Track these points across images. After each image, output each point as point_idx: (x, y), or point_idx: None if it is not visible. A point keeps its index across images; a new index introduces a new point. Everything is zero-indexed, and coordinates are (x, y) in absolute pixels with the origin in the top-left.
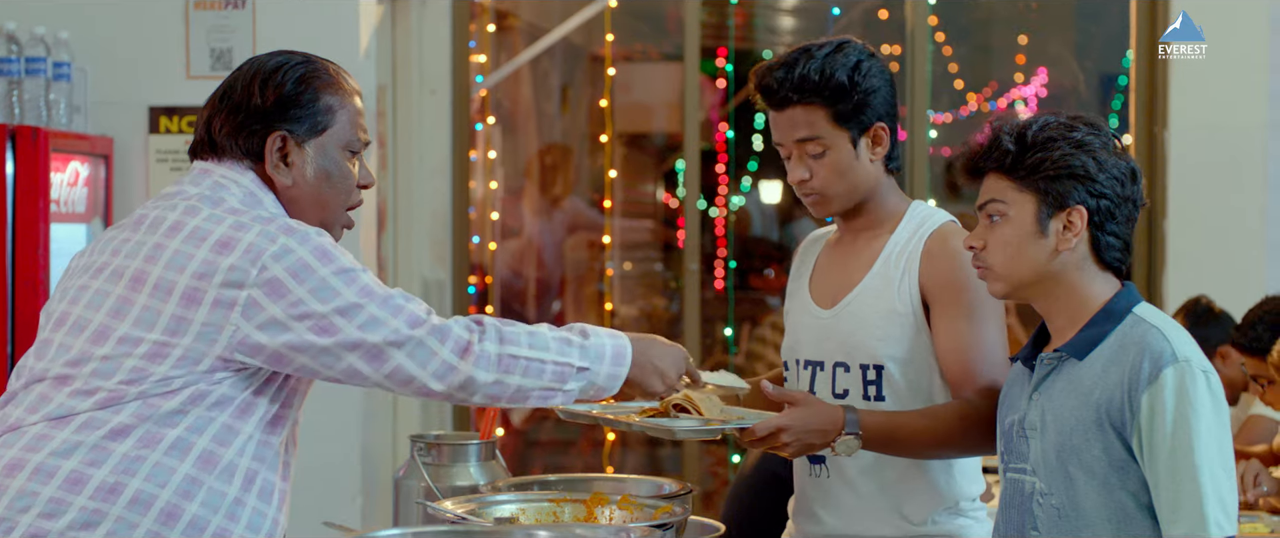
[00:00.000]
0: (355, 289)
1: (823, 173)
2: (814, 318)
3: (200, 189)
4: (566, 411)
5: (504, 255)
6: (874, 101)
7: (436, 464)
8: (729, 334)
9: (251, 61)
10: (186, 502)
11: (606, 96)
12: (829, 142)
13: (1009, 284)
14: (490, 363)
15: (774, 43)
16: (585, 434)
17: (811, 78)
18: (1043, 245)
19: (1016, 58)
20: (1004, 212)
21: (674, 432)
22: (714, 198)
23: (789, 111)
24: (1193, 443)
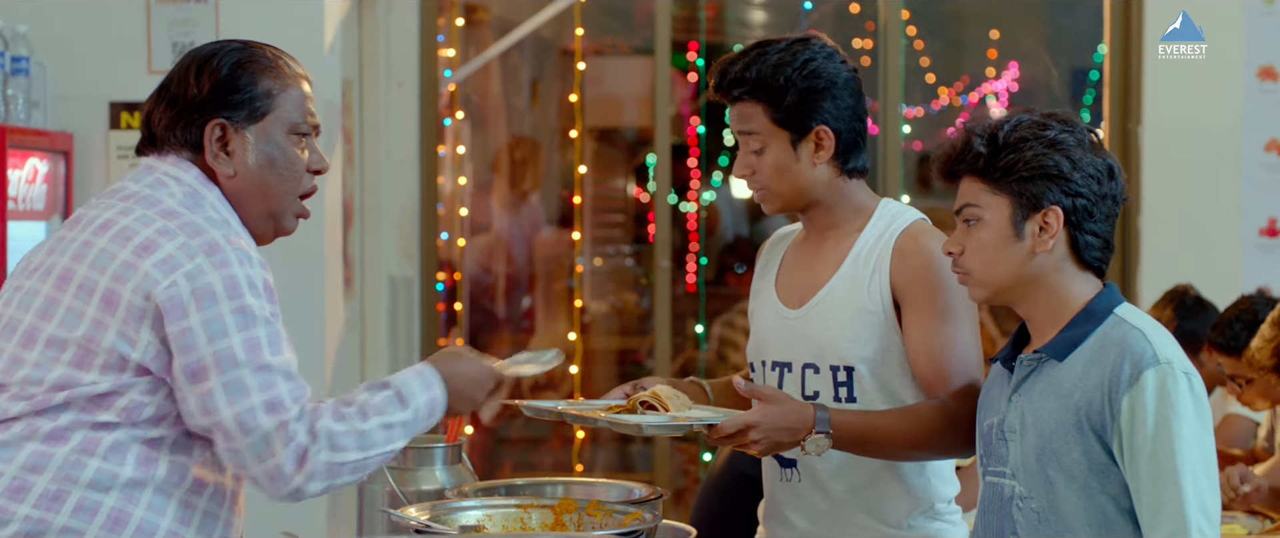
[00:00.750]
0: (243, 337)
1: (763, 170)
2: (781, 318)
3: (139, 186)
4: (531, 407)
5: (473, 252)
6: (817, 104)
7: (401, 468)
8: (700, 331)
9: (190, 52)
10: (132, 507)
11: (576, 91)
12: (767, 140)
13: (988, 289)
14: (321, 474)
15: (745, 37)
16: (555, 431)
17: (750, 76)
18: (1019, 248)
19: (988, 52)
20: (979, 215)
21: (641, 427)
22: (685, 193)
23: (736, 106)
24: (1174, 446)
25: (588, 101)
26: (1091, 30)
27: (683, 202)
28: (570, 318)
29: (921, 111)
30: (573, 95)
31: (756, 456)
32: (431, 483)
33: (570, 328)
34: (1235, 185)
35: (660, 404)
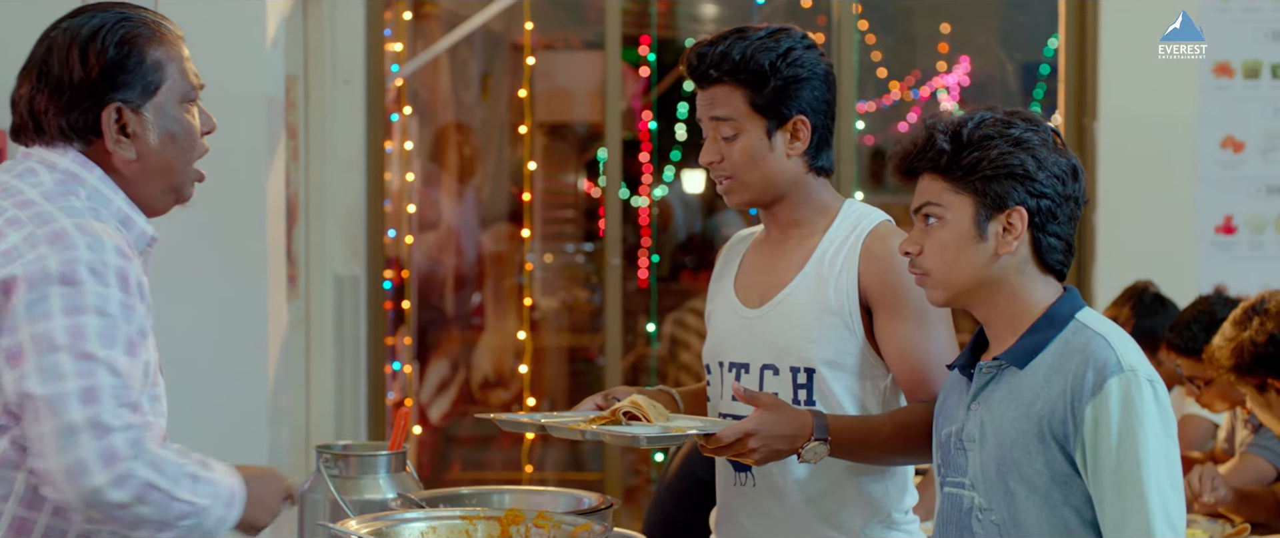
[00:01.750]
0: (68, 322)
1: (734, 156)
2: (740, 318)
3: (7, 177)
4: (507, 421)
5: (421, 249)
6: (797, 93)
7: (344, 477)
8: (652, 330)
9: (63, 27)
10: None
11: (526, 86)
12: (742, 125)
13: (948, 291)
14: (129, 484)
15: (697, 31)
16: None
17: (733, 57)
18: (982, 249)
19: (939, 46)
20: (940, 214)
21: (638, 439)
22: (638, 188)
23: (710, 89)
24: (1139, 457)
25: (538, 96)
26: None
27: (635, 197)
28: (519, 318)
29: (873, 106)
30: (522, 90)
31: (754, 464)
32: (375, 492)
33: (520, 326)
34: (1191, 182)
35: (643, 414)
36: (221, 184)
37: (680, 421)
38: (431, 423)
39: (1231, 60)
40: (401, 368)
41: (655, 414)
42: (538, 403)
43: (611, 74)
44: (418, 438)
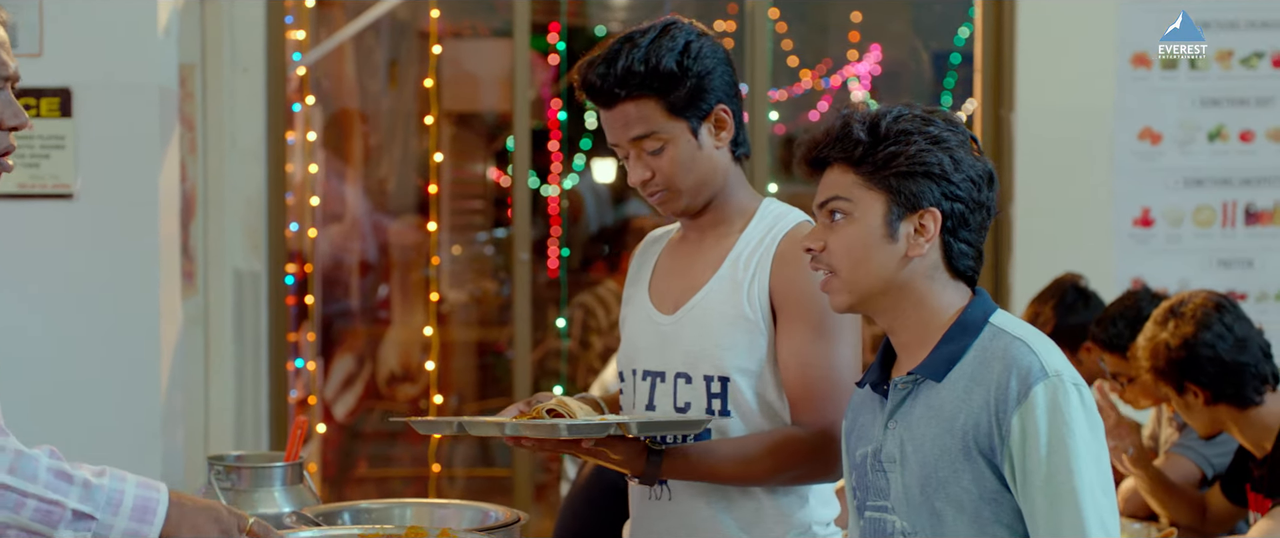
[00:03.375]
0: None
1: (666, 169)
2: (654, 325)
3: None
4: (425, 424)
5: (325, 242)
6: (710, 84)
7: (236, 489)
8: (562, 325)
9: None
10: None
11: (432, 76)
12: (667, 135)
13: (854, 294)
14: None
15: (607, 19)
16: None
17: (637, 69)
18: (892, 250)
19: (850, 35)
20: (848, 210)
21: (559, 429)
22: (548, 178)
23: (619, 108)
24: (1071, 466)
25: (446, 85)
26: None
27: (545, 186)
28: (425, 312)
29: (784, 95)
30: (428, 80)
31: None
32: (270, 506)
33: (427, 321)
34: (1108, 174)
35: (567, 412)
36: (111, 178)
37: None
38: (336, 420)
39: (1149, 51)
40: (305, 365)
41: (580, 412)
42: (446, 398)
43: (520, 62)
44: (322, 436)
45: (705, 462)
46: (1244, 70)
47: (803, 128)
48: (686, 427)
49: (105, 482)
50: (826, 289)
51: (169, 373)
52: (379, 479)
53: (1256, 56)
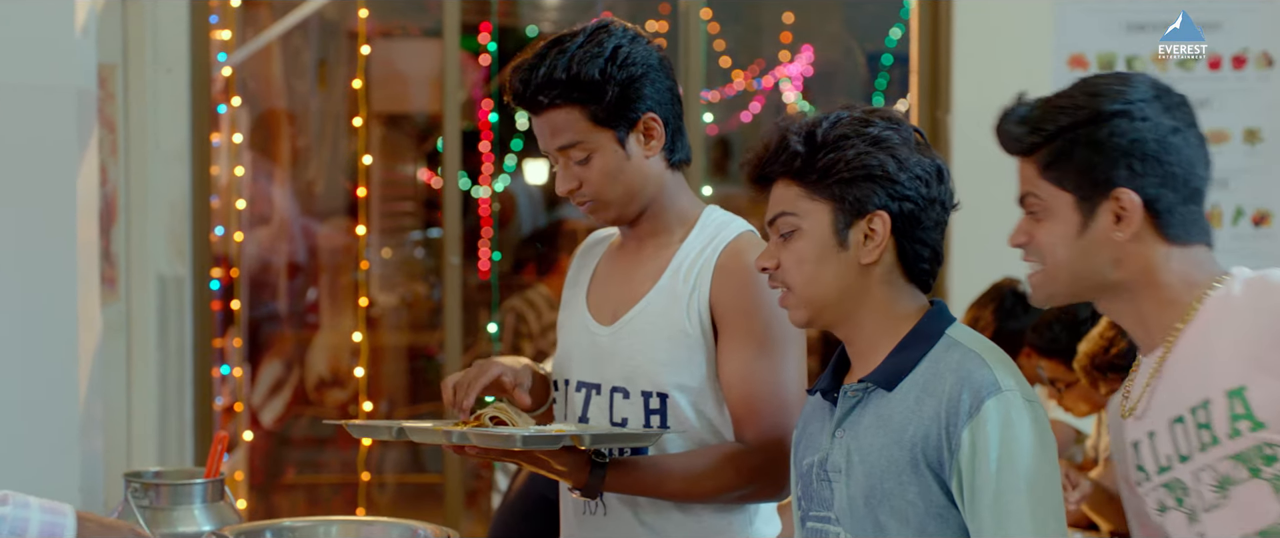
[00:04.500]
0: None
1: (593, 179)
2: (590, 335)
3: None
4: (361, 428)
5: (252, 246)
6: (637, 93)
7: (154, 507)
8: (493, 330)
9: None
10: None
11: (360, 76)
12: (592, 145)
13: (810, 308)
14: None
15: (539, 19)
16: (341, 431)
17: (559, 77)
18: (844, 259)
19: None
20: (797, 224)
21: (514, 440)
22: (478, 179)
23: (545, 116)
24: (1020, 485)
25: (376, 85)
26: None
27: (476, 187)
28: (355, 316)
29: (717, 96)
30: (357, 81)
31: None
32: (189, 525)
33: (356, 325)
34: None
35: (509, 419)
36: (25, 182)
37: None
38: (263, 427)
39: (1086, 52)
40: (231, 371)
41: (521, 421)
42: (376, 404)
43: (450, 63)
44: (249, 443)
45: (650, 476)
46: (1180, 72)
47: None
48: (639, 440)
49: (8, 511)
50: (785, 305)
51: (88, 381)
52: (308, 487)
53: (1193, 58)
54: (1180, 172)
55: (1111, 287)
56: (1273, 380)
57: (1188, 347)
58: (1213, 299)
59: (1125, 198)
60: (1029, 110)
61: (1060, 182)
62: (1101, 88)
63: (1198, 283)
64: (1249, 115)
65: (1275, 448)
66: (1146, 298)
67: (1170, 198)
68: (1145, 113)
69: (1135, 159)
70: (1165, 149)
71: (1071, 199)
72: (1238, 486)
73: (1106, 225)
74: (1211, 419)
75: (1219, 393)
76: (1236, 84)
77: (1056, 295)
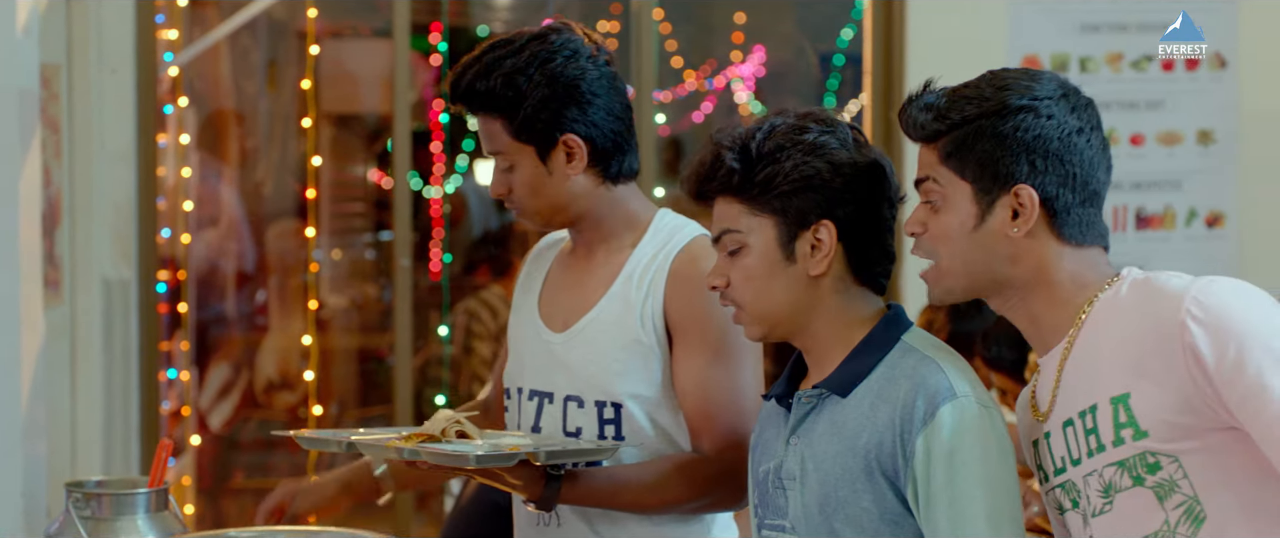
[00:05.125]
0: None
1: (516, 188)
2: (543, 342)
3: None
4: (309, 437)
5: (200, 248)
6: (558, 112)
7: (96, 518)
8: (444, 332)
9: None
10: None
11: (309, 76)
12: (514, 157)
13: (764, 324)
14: None
15: (490, 19)
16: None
17: (478, 88)
18: (793, 272)
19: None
20: (742, 241)
21: (468, 459)
22: (429, 179)
23: (478, 119)
24: (976, 492)
25: (326, 86)
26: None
27: (428, 187)
28: (304, 319)
29: (670, 96)
30: (306, 81)
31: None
32: (132, 535)
33: (305, 328)
34: None
35: (469, 433)
36: None
37: (509, 438)
38: (211, 431)
39: (1040, 53)
40: (178, 375)
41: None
42: (325, 407)
43: (400, 63)
44: (197, 448)
45: (606, 488)
46: (1134, 73)
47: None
48: (595, 454)
49: None
50: (737, 322)
51: (30, 386)
52: (256, 491)
53: (1146, 60)
54: (1080, 173)
55: (1005, 284)
56: (1155, 388)
57: (1079, 350)
58: (1102, 301)
59: (1024, 194)
60: (935, 98)
61: (960, 171)
62: (1010, 82)
63: (1089, 284)
64: (1202, 117)
65: (1158, 457)
66: (1039, 297)
67: (1068, 198)
68: (1051, 111)
69: (1037, 156)
70: (1068, 149)
71: (970, 190)
72: (1122, 493)
73: (1003, 220)
74: (1098, 425)
75: (1105, 399)
76: (1190, 86)
77: (953, 291)
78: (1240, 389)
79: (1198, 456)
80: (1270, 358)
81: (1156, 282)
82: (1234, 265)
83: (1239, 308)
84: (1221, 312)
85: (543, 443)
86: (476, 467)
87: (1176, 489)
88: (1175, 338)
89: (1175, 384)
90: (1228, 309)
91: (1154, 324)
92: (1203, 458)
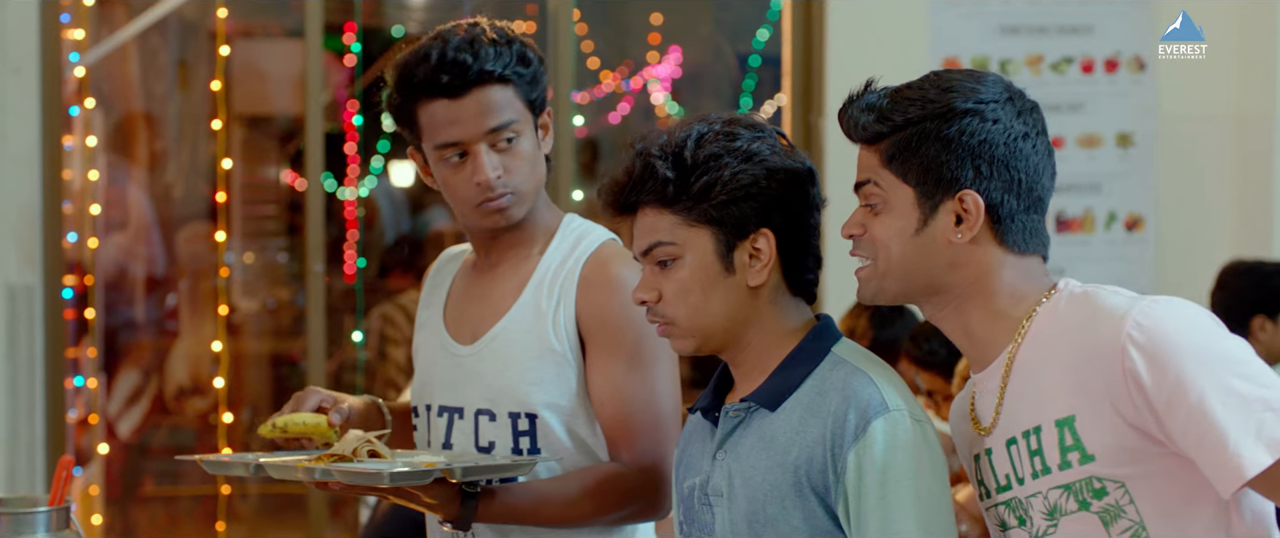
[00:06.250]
0: None
1: (517, 166)
2: (451, 356)
3: None
4: (215, 462)
5: (108, 252)
6: (543, 85)
7: None
8: (359, 338)
9: None
10: None
11: (220, 77)
12: (521, 127)
13: (697, 338)
14: None
15: (405, 19)
16: (201, 440)
17: (504, 51)
18: (732, 284)
19: (651, 37)
20: (676, 253)
21: (382, 476)
22: (344, 181)
23: (474, 95)
24: (910, 508)
25: (238, 87)
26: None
27: (342, 189)
28: (214, 324)
29: (586, 97)
30: (216, 82)
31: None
32: None
33: (216, 334)
34: None
35: (380, 452)
36: None
37: (422, 456)
38: (119, 439)
39: (960, 55)
40: (85, 383)
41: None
42: (237, 413)
43: (313, 63)
44: (104, 457)
45: (524, 504)
46: (1054, 76)
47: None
48: (512, 470)
49: None
50: (667, 337)
51: None
52: (166, 499)
53: (1066, 62)
54: (1026, 179)
55: (942, 290)
56: (1099, 412)
57: (1021, 367)
58: (1041, 315)
59: (969, 199)
60: (877, 98)
61: (903, 175)
62: (954, 84)
63: (1026, 296)
64: (1121, 119)
65: (1105, 482)
66: (975, 307)
67: (1013, 204)
68: (997, 114)
69: (983, 161)
70: (1014, 154)
71: (912, 194)
72: (1068, 517)
73: (946, 226)
74: (1042, 447)
75: (1049, 421)
76: (1109, 88)
77: (883, 293)
78: (1182, 416)
79: (1145, 481)
80: (1212, 384)
81: (1097, 299)
82: (1153, 269)
83: (1179, 332)
84: (1162, 337)
85: (458, 460)
86: (391, 486)
87: (1123, 515)
88: (1116, 363)
89: (1119, 408)
90: (1168, 334)
91: (1095, 347)
92: (1150, 484)
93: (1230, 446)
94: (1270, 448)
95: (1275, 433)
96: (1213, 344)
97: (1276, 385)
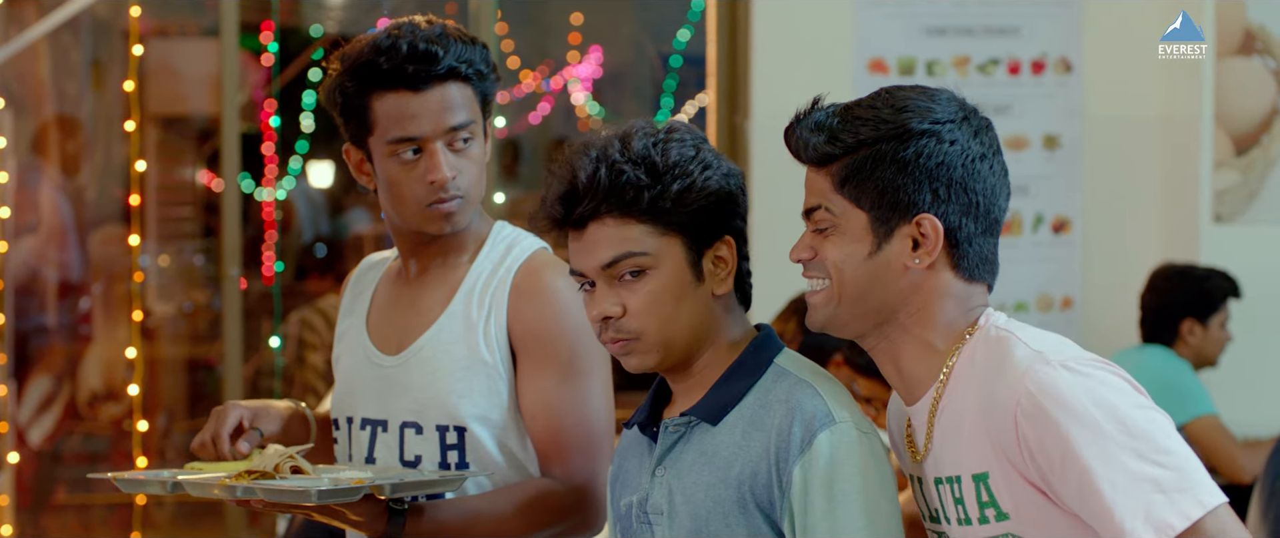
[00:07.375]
0: None
1: (468, 169)
2: (374, 367)
3: None
4: (129, 479)
5: (18, 256)
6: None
7: None
8: (276, 344)
9: None
10: None
11: (133, 77)
12: (476, 129)
13: (661, 351)
14: None
15: (322, 18)
16: (116, 446)
17: (471, 52)
18: (700, 293)
19: (571, 37)
20: (648, 264)
21: (309, 494)
22: (261, 181)
23: (437, 90)
24: (858, 521)
25: (153, 87)
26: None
27: (259, 190)
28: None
29: (506, 97)
30: (129, 82)
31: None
32: None
33: (130, 339)
34: None
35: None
36: None
37: (347, 471)
38: (31, 446)
39: (886, 57)
40: None
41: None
42: (152, 419)
43: (228, 63)
44: (15, 467)
45: (455, 521)
46: (981, 77)
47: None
48: (442, 485)
49: None
50: (627, 353)
51: None
52: (79, 507)
53: (993, 63)
54: (983, 201)
55: (891, 317)
56: (1011, 471)
57: (945, 410)
58: (962, 357)
59: (928, 223)
60: (826, 117)
61: (856, 199)
62: (908, 103)
63: (955, 330)
64: (1048, 122)
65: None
66: (911, 339)
67: (970, 228)
68: (954, 135)
69: (941, 184)
70: (971, 176)
71: (866, 218)
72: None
73: (902, 250)
74: (964, 497)
75: (967, 475)
76: (1035, 90)
77: (835, 321)
78: (1072, 487)
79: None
80: (1100, 459)
81: (1007, 347)
82: (1078, 271)
83: (1074, 402)
84: (1053, 404)
85: (385, 475)
86: (317, 503)
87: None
88: (1011, 423)
89: (1018, 468)
90: (1060, 403)
91: (996, 402)
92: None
93: (1116, 523)
94: (1158, 531)
95: (1164, 516)
96: (1111, 416)
97: (1177, 464)
